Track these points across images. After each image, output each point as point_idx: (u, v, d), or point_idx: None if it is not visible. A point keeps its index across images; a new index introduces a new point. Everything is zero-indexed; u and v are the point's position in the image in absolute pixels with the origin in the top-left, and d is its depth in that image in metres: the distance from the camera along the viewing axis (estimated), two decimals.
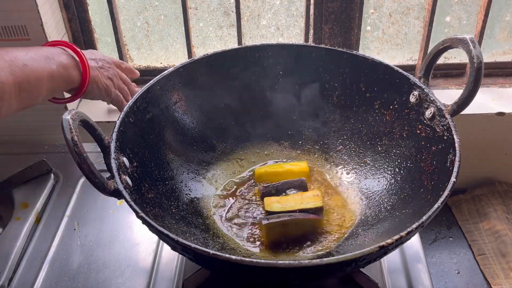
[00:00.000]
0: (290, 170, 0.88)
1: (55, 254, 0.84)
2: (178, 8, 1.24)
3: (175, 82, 0.85)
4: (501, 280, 1.19)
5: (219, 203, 0.85)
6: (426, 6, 1.23)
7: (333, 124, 0.91)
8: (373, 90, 0.86)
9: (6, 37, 1.10)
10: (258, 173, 0.89)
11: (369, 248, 0.57)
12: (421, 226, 0.60)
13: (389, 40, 1.34)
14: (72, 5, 1.23)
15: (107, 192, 0.63)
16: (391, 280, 0.78)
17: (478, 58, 0.70)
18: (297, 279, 0.61)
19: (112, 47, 1.31)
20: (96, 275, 0.80)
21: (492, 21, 1.29)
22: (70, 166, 1.01)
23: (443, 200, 0.63)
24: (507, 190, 1.39)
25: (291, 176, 0.86)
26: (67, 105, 1.22)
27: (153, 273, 0.80)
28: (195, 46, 1.32)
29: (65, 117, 0.61)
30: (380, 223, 0.76)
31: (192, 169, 0.87)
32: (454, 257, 1.28)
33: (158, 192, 0.77)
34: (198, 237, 0.75)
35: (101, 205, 0.92)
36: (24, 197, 0.93)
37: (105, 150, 0.68)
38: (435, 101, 0.75)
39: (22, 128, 1.25)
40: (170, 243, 0.61)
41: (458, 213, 1.38)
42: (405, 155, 0.81)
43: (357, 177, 0.87)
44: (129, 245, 0.85)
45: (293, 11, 1.28)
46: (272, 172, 0.88)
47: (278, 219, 0.77)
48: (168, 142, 0.84)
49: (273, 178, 0.86)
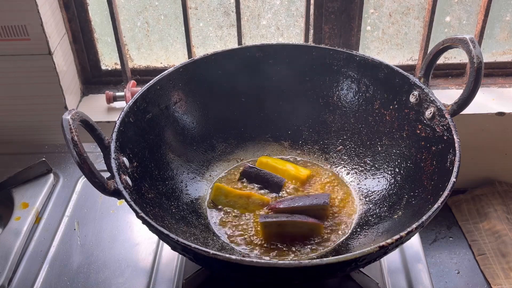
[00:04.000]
0: (287, 170, 0.88)
1: (55, 254, 0.84)
2: (178, 8, 1.24)
3: (175, 82, 0.85)
4: (501, 280, 1.19)
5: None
6: (426, 6, 1.23)
7: (333, 124, 0.91)
8: (373, 90, 0.86)
9: (6, 37, 1.10)
10: (260, 160, 0.90)
11: (369, 248, 0.57)
12: (421, 226, 0.60)
13: (389, 40, 1.34)
14: (72, 5, 1.23)
15: (107, 192, 0.63)
16: (391, 280, 0.78)
17: (478, 58, 0.70)
18: (297, 279, 0.61)
19: (112, 47, 1.31)
20: (96, 275, 0.80)
21: (492, 21, 1.29)
22: (70, 166, 1.01)
23: (443, 200, 0.63)
24: (507, 190, 1.39)
25: (285, 175, 0.87)
26: (67, 105, 1.22)
27: (153, 273, 0.80)
28: (195, 46, 1.32)
29: (65, 117, 0.61)
30: (380, 223, 0.76)
31: (192, 169, 0.87)
32: (454, 257, 1.28)
33: (158, 192, 0.77)
34: (198, 237, 0.75)
35: (101, 205, 0.92)
36: (24, 197, 0.93)
37: (105, 150, 0.68)
38: (435, 101, 0.75)
39: (22, 128, 1.25)
40: (170, 243, 0.61)
41: (458, 213, 1.38)
42: (405, 155, 0.81)
43: (357, 177, 0.87)
44: (129, 245, 0.85)
45: (293, 11, 1.28)
46: (273, 165, 0.89)
47: (275, 218, 0.77)
48: (168, 142, 0.84)
49: (270, 170, 0.88)
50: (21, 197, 0.93)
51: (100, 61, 1.34)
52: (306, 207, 0.80)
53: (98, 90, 1.35)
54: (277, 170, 0.88)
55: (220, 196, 0.84)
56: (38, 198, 0.93)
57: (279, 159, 0.92)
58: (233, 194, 0.84)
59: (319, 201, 0.80)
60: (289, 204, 0.81)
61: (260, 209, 0.83)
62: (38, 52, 1.13)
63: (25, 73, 1.16)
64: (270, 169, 0.88)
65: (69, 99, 1.23)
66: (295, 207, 0.80)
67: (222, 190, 0.84)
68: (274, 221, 0.76)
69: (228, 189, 0.84)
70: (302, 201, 0.81)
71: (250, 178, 0.87)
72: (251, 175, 0.87)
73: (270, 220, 0.77)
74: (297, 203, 0.80)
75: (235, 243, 0.78)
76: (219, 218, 0.82)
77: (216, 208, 0.84)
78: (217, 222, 0.81)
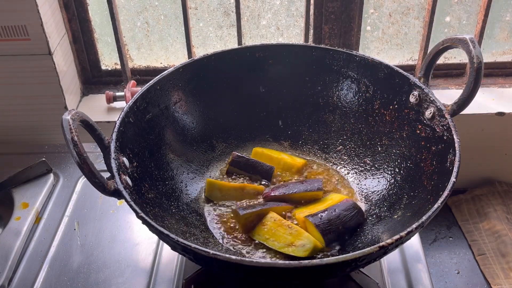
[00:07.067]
0: (283, 159, 0.89)
1: (55, 254, 0.84)
2: (178, 8, 1.24)
3: (175, 82, 0.85)
4: (501, 280, 1.19)
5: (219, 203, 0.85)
6: (426, 6, 1.23)
7: (333, 124, 0.91)
8: (373, 90, 0.86)
9: (6, 37, 1.10)
10: (256, 151, 0.90)
11: (369, 248, 0.57)
12: (421, 226, 0.60)
13: (389, 40, 1.34)
14: (72, 5, 1.23)
15: (107, 192, 0.63)
16: (391, 280, 0.78)
17: (478, 58, 0.70)
18: (297, 279, 0.61)
19: (112, 47, 1.31)
20: (96, 275, 0.80)
21: (492, 21, 1.29)
22: (70, 166, 1.01)
23: (443, 200, 0.63)
24: (507, 190, 1.39)
25: (280, 164, 0.88)
26: (67, 105, 1.22)
27: (153, 273, 0.80)
28: (195, 46, 1.32)
29: (65, 117, 0.61)
30: (379, 223, 0.76)
31: (192, 169, 0.87)
32: (454, 257, 1.28)
33: (158, 192, 0.77)
34: (198, 237, 0.75)
35: (101, 205, 0.92)
36: (24, 197, 0.93)
37: (105, 150, 0.68)
38: (435, 101, 0.75)
39: (22, 128, 1.25)
40: (170, 243, 0.61)
41: (458, 213, 1.38)
42: (405, 155, 0.81)
43: (357, 177, 0.87)
44: (129, 245, 0.85)
45: (293, 11, 1.28)
46: (268, 154, 0.89)
47: (253, 209, 0.77)
48: (168, 142, 0.84)
49: (265, 160, 0.88)
50: (21, 197, 0.93)
51: (100, 61, 1.34)
52: (301, 194, 0.81)
53: (98, 90, 1.35)
54: (273, 160, 0.89)
55: (214, 191, 0.84)
56: (38, 198, 0.93)
57: (273, 150, 0.92)
58: (227, 188, 0.84)
59: (312, 187, 0.82)
60: (283, 191, 0.82)
61: (255, 198, 0.83)
62: (38, 52, 1.13)
63: (25, 73, 1.16)
64: (265, 159, 0.88)
65: (69, 99, 1.23)
66: (289, 194, 0.81)
67: (215, 185, 0.84)
68: (253, 212, 0.77)
69: (222, 183, 0.84)
70: (297, 187, 0.82)
71: (239, 167, 0.87)
72: (240, 164, 0.87)
73: (249, 211, 0.77)
74: (292, 190, 0.82)
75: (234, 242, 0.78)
76: (219, 216, 0.82)
77: (213, 205, 0.84)
78: (217, 221, 0.81)
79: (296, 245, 0.73)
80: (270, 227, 0.76)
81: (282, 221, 0.76)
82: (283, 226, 0.76)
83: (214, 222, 0.81)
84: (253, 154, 0.90)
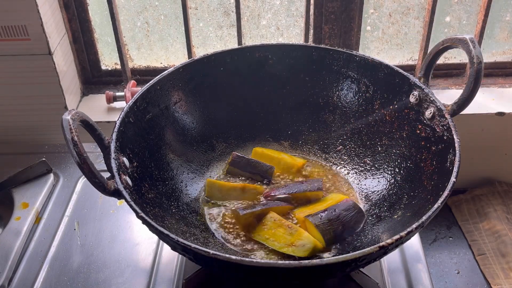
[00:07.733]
0: (283, 159, 0.89)
1: (55, 254, 0.84)
2: (178, 8, 1.24)
3: (175, 82, 0.85)
4: (501, 280, 1.19)
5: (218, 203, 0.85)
6: (426, 6, 1.23)
7: (333, 124, 0.91)
8: (373, 90, 0.86)
9: (6, 37, 1.10)
10: (255, 151, 0.90)
11: (369, 248, 0.57)
12: (421, 226, 0.60)
13: (389, 40, 1.34)
14: (72, 5, 1.23)
15: (107, 192, 0.63)
16: (391, 280, 0.78)
17: (478, 58, 0.70)
18: (297, 279, 0.61)
19: (112, 47, 1.31)
20: (96, 275, 0.80)
21: (492, 21, 1.29)
22: (70, 166, 1.01)
23: (443, 200, 0.63)
24: (507, 190, 1.39)
25: (281, 164, 0.88)
26: (67, 105, 1.22)
27: (153, 273, 0.80)
28: (195, 46, 1.32)
29: (65, 117, 0.61)
30: (380, 223, 0.76)
31: (192, 169, 0.87)
32: (454, 257, 1.28)
33: (158, 192, 0.77)
34: (198, 237, 0.75)
35: (101, 205, 0.92)
36: (24, 197, 0.93)
37: (105, 150, 0.68)
38: (435, 101, 0.75)
39: (22, 128, 1.25)
40: (170, 243, 0.61)
41: (458, 213, 1.38)
42: (405, 155, 0.81)
43: (357, 177, 0.87)
44: (129, 245, 0.85)
45: (293, 11, 1.28)
46: (268, 154, 0.89)
47: (253, 209, 0.78)
48: (168, 142, 0.84)
49: (265, 160, 0.88)
50: (21, 197, 0.93)
51: (100, 61, 1.34)
52: (301, 194, 0.81)
53: (98, 90, 1.35)
54: (273, 160, 0.89)
55: (214, 191, 0.84)
56: (38, 198, 0.93)
57: (274, 150, 0.92)
58: (227, 188, 0.84)
59: (312, 187, 0.82)
60: (283, 191, 0.82)
61: (256, 198, 0.83)
62: (38, 52, 1.13)
63: (25, 73, 1.16)
64: (265, 159, 0.88)
65: (69, 99, 1.24)
66: (290, 194, 0.81)
67: (215, 185, 0.84)
68: (253, 212, 0.77)
69: (222, 183, 0.84)
70: (297, 187, 0.82)
71: (239, 167, 0.87)
72: (240, 164, 0.87)
73: (249, 211, 0.78)
74: (292, 190, 0.82)
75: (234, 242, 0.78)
76: (219, 216, 0.82)
77: (213, 205, 0.84)
78: (217, 221, 0.81)
79: (296, 245, 0.73)
80: (270, 227, 0.76)
81: (282, 221, 0.76)
82: (283, 226, 0.76)
83: (214, 222, 0.81)
84: (253, 154, 0.90)
